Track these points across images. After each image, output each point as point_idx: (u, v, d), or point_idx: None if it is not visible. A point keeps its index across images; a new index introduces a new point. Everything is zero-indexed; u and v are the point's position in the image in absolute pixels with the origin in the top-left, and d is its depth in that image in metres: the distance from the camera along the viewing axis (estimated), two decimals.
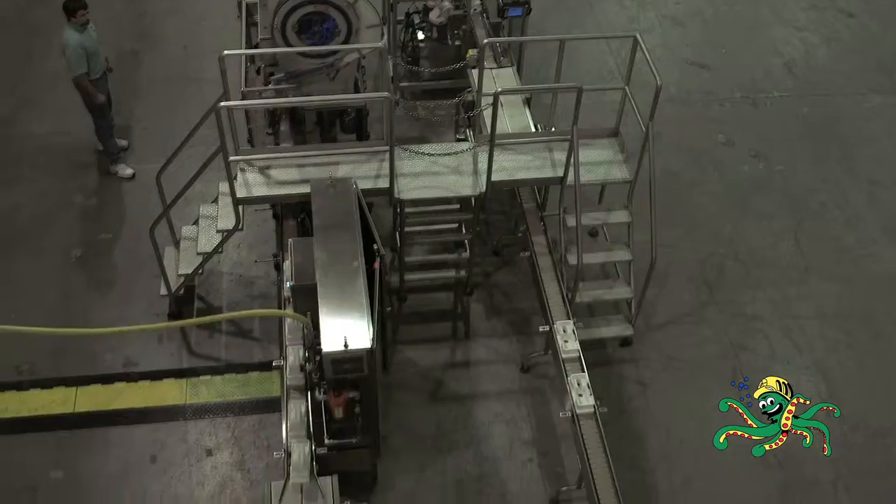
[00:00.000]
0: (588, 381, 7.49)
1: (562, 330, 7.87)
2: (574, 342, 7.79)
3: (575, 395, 7.39)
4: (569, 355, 7.75)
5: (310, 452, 6.52)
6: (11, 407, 8.38)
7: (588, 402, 7.37)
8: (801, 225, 10.12)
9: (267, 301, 9.14)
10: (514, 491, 7.93)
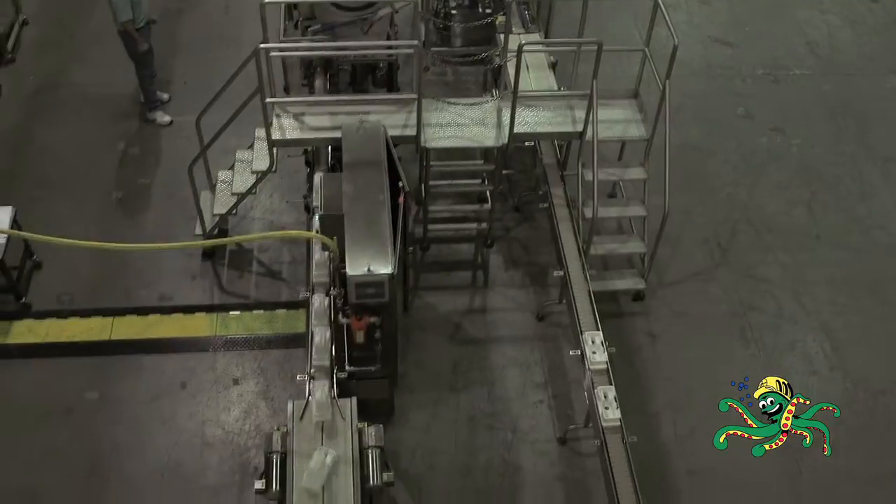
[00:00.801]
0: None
1: (590, 341, 7.68)
2: (603, 354, 7.60)
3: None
4: (597, 367, 7.54)
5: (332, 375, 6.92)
6: (52, 332, 8.85)
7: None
8: (815, 195, 10.39)
9: (296, 245, 9.56)
10: (524, 429, 8.29)
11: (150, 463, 7.99)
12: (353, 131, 7.97)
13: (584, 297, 8.15)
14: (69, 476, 7.89)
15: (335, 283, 7.17)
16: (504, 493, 7.89)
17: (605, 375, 7.44)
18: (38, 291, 9.17)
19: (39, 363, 8.65)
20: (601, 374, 7.45)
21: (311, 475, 6.24)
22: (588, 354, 7.55)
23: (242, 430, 8.21)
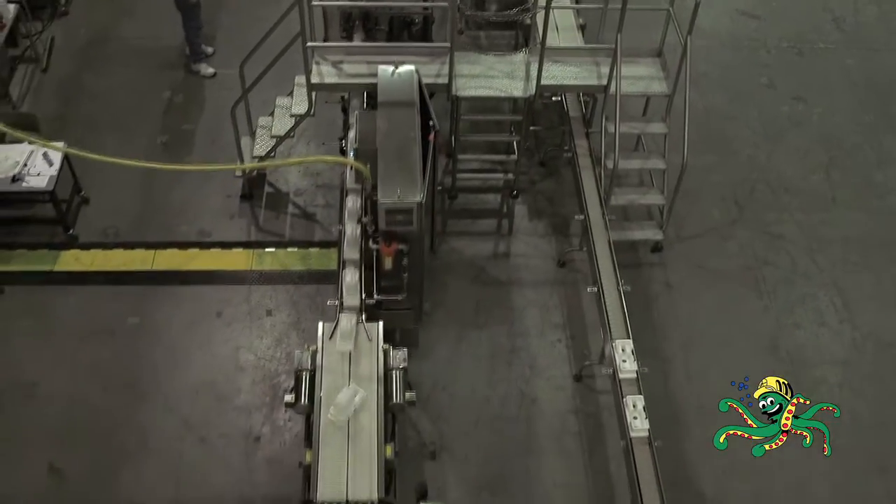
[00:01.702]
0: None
1: (620, 349, 7.57)
2: (633, 363, 7.49)
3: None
4: (627, 376, 7.46)
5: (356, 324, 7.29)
6: (97, 262, 9.30)
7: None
8: (833, 161, 10.63)
9: (330, 189, 9.95)
10: (542, 365, 8.63)
11: (186, 382, 8.41)
12: (388, 74, 8.32)
13: (603, 243, 8.48)
14: (110, 390, 8.34)
15: (366, 211, 7.56)
16: (520, 423, 8.23)
17: (635, 385, 7.35)
18: (85, 225, 9.63)
19: (85, 289, 9.09)
20: (631, 384, 7.35)
21: (338, 409, 6.58)
22: (618, 363, 7.43)
23: (274, 356, 8.61)
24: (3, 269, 9.04)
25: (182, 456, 7.95)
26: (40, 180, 9.05)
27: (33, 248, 9.38)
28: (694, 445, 8.12)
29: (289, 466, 7.86)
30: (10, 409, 8.18)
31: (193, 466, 7.89)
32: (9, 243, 9.36)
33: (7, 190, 9.05)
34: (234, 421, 8.17)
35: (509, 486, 7.85)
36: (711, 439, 8.12)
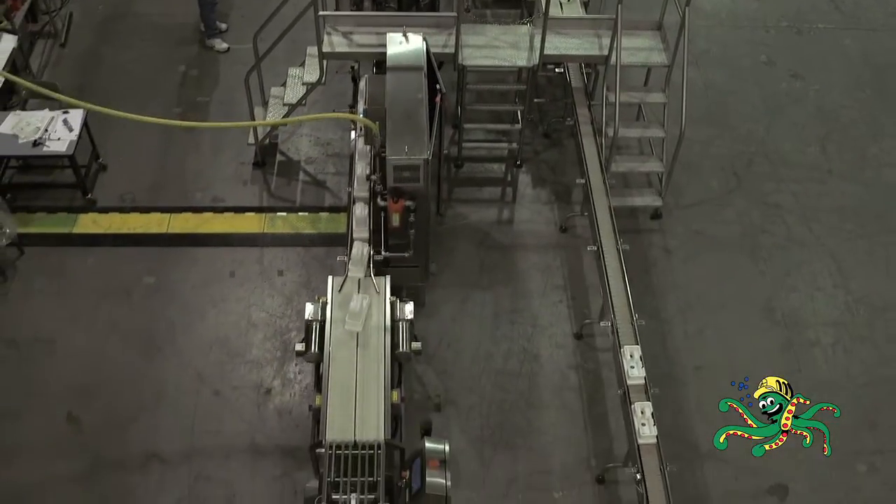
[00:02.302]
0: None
1: (629, 355, 7.40)
2: (641, 370, 7.32)
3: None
4: (634, 382, 7.29)
5: (368, 252, 7.56)
6: (114, 225, 9.55)
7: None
8: (830, 135, 10.83)
9: (340, 158, 10.20)
10: (544, 324, 8.86)
11: (200, 338, 8.66)
12: (397, 40, 8.56)
13: (603, 204, 8.70)
14: (126, 345, 8.58)
15: (375, 168, 7.80)
16: (522, 378, 8.46)
17: (642, 392, 7.22)
18: (103, 190, 9.89)
19: (102, 251, 9.34)
20: (638, 391, 7.22)
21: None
22: (626, 369, 7.30)
23: (285, 314, 8.85)
24: (24, 231, 9.27)
25: (196, 407, 8.19)
26: (60, 144, 9.30)
27: (53, 212, 9.64)
28: (690, 403, 8.32)
29: (298, 417, 8.13)
30: (30, 362, 8.43)
31: (207, 417, 8.13)
32: (29, 207, 9.61)
33: (29, 154, 9.32)
34: (246, 374, 8.41)
35: (511, 438, 8.07)
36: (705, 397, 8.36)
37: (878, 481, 7.94)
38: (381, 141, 7.71)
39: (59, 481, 7.72)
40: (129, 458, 7.86)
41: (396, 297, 7.46)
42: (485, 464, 7.90)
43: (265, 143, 9.97)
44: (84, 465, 7.82)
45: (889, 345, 8.86)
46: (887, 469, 8.01)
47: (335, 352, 6.97)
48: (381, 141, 7.69)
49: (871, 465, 8.04)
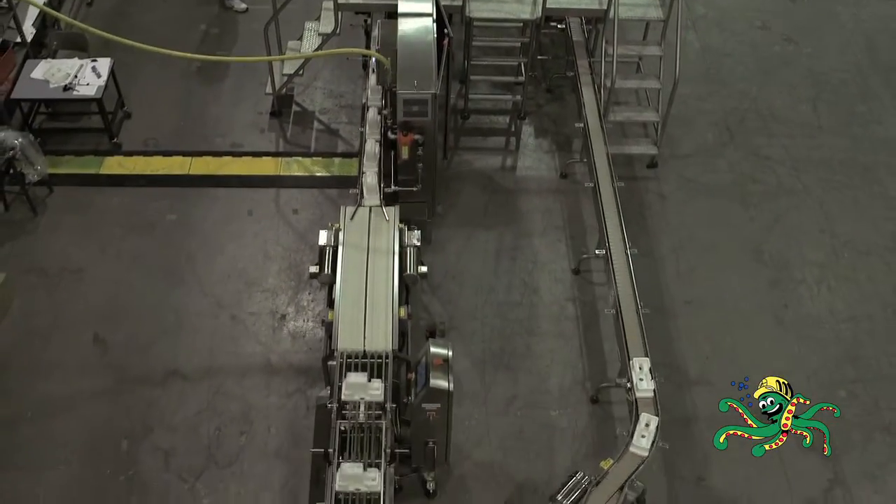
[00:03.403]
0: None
1: (638, 367, 7.25)
2: (650, 382, 7.16)
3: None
4: (643, 395, 7.12)
5: (379, 181, 7.97)
6: (138, 167, 9.99)
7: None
8: (820, 94, 11.20)
9: (352, 109, 10.62)
10: (543, 260, 9.26)
11: (219, 269, 9.08)
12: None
13: (600, 145, 9.10)
14: (150, 275, 9.01)
15: (386, 103, 8.22)
16: (523, 308, 8.86)
17: (652, 406, 7.03)
18: (127, 136, 10.33)
19: (127, 190, 9.78)
20: (647, 405, 7.06)
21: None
22: (635, 381, 7.14)
23: (299, 248, 9.27)
24: (53, 172, 9.70)
25: (215, 330, 8.62)
26: (89, 89, 9.74)
27: (80, 155, 10.08)
28: (681, 334, 8.71)
29: (311, 341, 8.55)
30: (59, 290, 8.87)
31: (225, 339, 8.55)
32: (58, 150, 10.04)
33: (60, 97, 9.77)
34: (263, 302, 8.83)
35: (511, 361, 8.48)
36: (696, 328, 8.75)
37: (857, 406, 8.32)
38: (391, 77, 8.12)
39: (86, 394, 8.15)
40: (151, 375, 8.28)
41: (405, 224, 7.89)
42: (486, 384, 8.30)
43: (282, 93, 10.38)
44: (109, 381, 8.25)
45: (870, 284, 9.23)
46: (865, 395, 8.38)
47: (346, 272, 7.38)
48: (392, 77, 8.10)
49: (851, 391, 8.42)
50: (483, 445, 7.92)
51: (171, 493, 7.57)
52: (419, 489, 7.59)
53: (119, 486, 7.60)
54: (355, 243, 7.66)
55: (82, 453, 7.77)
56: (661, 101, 9.87)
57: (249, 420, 8.00)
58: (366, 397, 6.52)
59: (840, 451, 7.98)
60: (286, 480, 7.66)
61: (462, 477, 7.73)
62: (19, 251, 9.18)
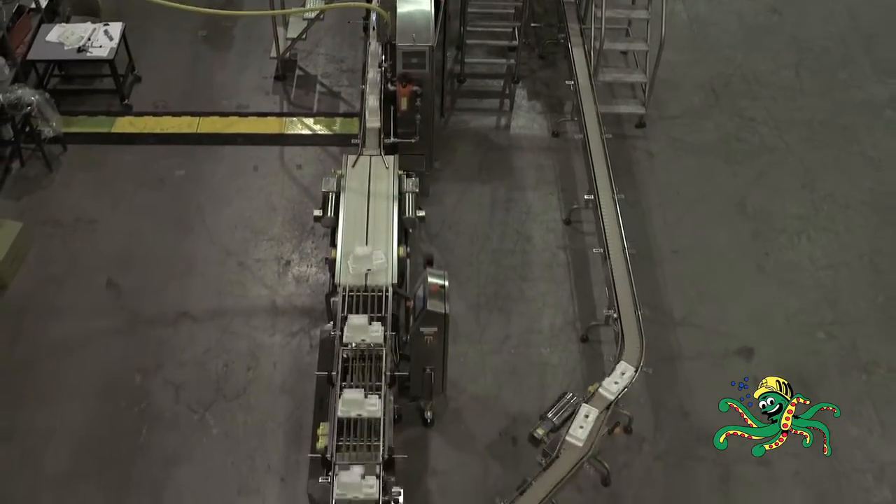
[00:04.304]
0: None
1: (620, 372, 7.16)
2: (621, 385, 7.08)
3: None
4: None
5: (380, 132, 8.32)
6: (149, 126, 10.34)
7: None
8: (803, 61, 11.55)
9: (353, 74, 10.96)
10: (536, 211, 9.60)
11: (226, 219, 9.42)
12: None
13: (589, 101, 9.43)
14: (160, 226, 9.35)
15: (386, 56, 8.57)
16: (516, 255, 9.20)
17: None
18: (138, 98, 10.67)
19: (138, 148, 10.12)
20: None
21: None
22: (606, 383, 7.07)
23: (302, 201, 9.60)
24: (67, 131, 10.04)
25: (223, 275, 8.96)
26: (102, 51, 10.09)
27: (93, 115, 10.42)
28: (666, 279, 9.05)
29: (314, 285, 8.90)
30: (73, 239, 9.21)
31: (232, 283, 8.89)
32: (72, 111, 10.36)
33: (74, 58, 10.11)
34: (268, 249, 9.18)
35: (504, 304, 8.82)
36: (682, 274, 9.09)
37: (835, 346, 8.66)
38: (391, 31, 8.46)
39: (101, 334, 8.50)
40: (162, 317, 8.62)
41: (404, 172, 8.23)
42: (481, 324, 8.65)
43: (286, 57, 10.73)
44: (122, 322, 8.59)
45: (848, 235, 9.57)
46: (843, 336, 8.72)
47: (348, 214, 7.72)
48: (392, 31, 8.45)
49: (829, 333, 8.76)
50: (478, 380, 8.25)
51: (182, 423, 7.91)
52: (418, 419, 7.91)
53: (132, 416, 7.94)
54: (357, 188, 8.00)
55: (97, 388, 8.11)
56: (649, 63, 10.20)
57: (256, 357, 8.34)
58: (366, 339, 6.77)
59: (818, 386, 8.32)
60: (291, 412, 7.99)
61: (458, 409, 8.06)
62: (35, 204, 9.53)
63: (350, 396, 6.49)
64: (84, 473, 7.58)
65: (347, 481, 5.96)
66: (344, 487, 5.95)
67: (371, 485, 5.99)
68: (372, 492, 5.98)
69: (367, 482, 6.00)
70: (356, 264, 7.13)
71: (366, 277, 7.27)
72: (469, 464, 7.72)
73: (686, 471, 7.79)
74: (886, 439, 8.04)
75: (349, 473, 6.00)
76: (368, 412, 6.45)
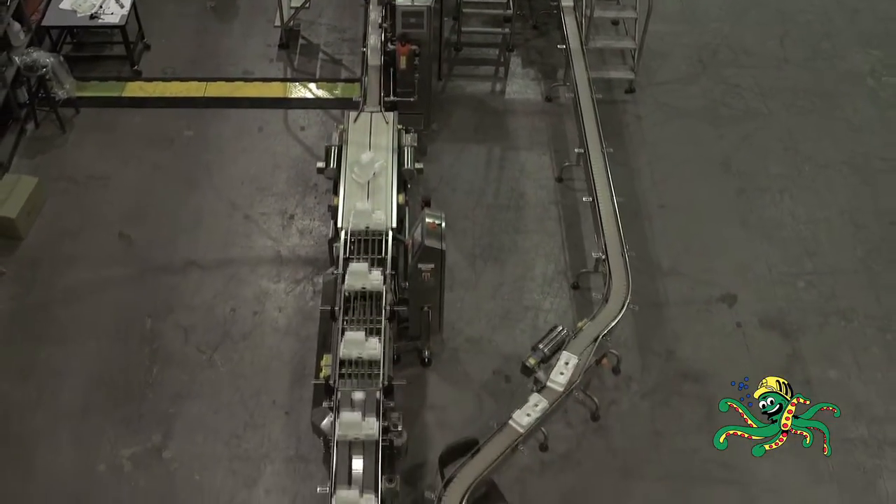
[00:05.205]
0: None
1: (563, 362, 7.11)
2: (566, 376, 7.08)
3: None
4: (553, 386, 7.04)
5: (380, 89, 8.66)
6: (158, 90, 10.67)
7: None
8: (788, 33, 11.88)
9: (353, 43, 11.29)
10: (529, 170, 9.93)
11: (232, 176, 9.75)
12: None
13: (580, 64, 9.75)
14: (170, 182, 9.68)
15: (386, 17, 8.91)
16: (510, 210, 9.53)
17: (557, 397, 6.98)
18: (147, 65, 11.00)
19: (147, 111, 10.45)
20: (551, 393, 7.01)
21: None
22: (552, 374, 7.05)
23: (305, 159, 9.92)
24: (79, 95, 10.37)
25: (229, 228, 9.29)
26: (114, 18, 10.43)
27: (104, 80, 10.75)
28: (653, 232, 9.39)
29: (317, 237, 9.23)
30: (87, 194, 9.54)
31: (239, 235, 9.23)
32: (84, 77, 10.68)
33: (87, 25, 10.45)
34: (273, 203, 9.51)
35: (499, 254, 9.15)
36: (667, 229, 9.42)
37: (815, 294, 8.99)
38: None
39: (113, 281, 8.83)
40: (172, 265, 8.96)
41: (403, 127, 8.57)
42: (476, 272, 8.98)
43: (289, 25, 11.06)
44: (134, 270, 8.93)
45: (829, 193, 9.89)
46: (822, 285, 9.05)
47: (351, 164, 8.05)
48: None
49: (809, 282, 9.09)
50: (474, 324, 8.58)
51: (191, 363, 8.24)
52: (416, 360, 8.24)
53: (144, 356, 8.27)
54: (358, 141, 8.33)
55: (110, 330, 8.45)
56: (638, 31, 10.54)
57: (261, 302, 8.67)
58: (367, 286, 7.07)
59: (798, 331, 8.66)
60: (295, 353, 8.32)
61: (455, 350, 8.39)
62: (49, 162, 9.86)
63: (352, 337, 6.73)
64: (98, 408, 7.90)
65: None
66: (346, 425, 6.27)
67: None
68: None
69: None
70: (361, 173, 7.48)
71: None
72: (464, 399, 8.05)
73: (672, 407, 8.12)
74: (863, 381, 8.37)
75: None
76: (369, 354, 6.71)
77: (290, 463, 7.63)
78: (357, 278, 7.14)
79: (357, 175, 7.93)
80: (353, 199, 7.72)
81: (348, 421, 6.26)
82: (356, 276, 7.15)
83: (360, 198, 7.77)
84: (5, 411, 7.89)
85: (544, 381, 6.99)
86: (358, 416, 6.29)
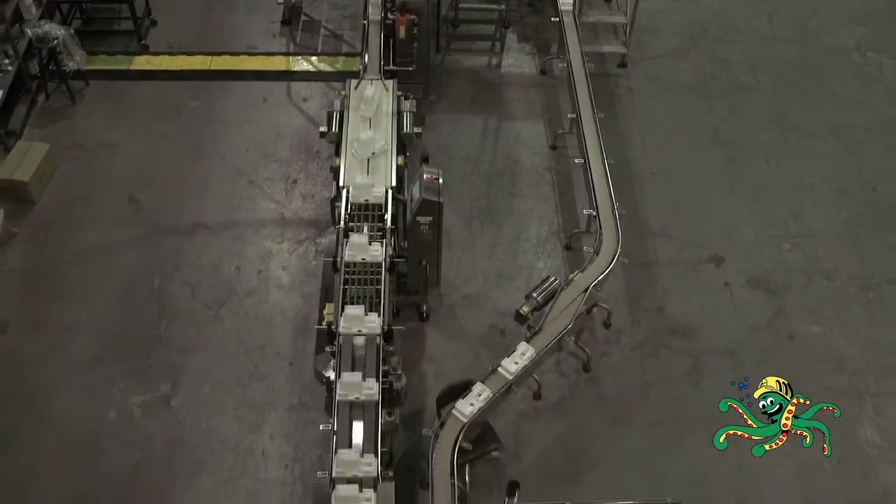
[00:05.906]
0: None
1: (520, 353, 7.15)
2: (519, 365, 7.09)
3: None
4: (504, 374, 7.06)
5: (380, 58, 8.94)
6: (164, 63, 10.94)
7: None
8: (777, 10, 12.16)
9: (355, 19, 11.55)
10: (524, 138, 10.21)
11: (237, 144, 10.02)
12: None
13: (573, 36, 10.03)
14: (176, 150, 9.95)
15: None
16: (506, 175, 9.80)
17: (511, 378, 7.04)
18: (154, 40, 11.27)
19: (154, 83, 10.73)
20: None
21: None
22: (505, 363, 7.08)
23: (308, 128, 10.19)
24: (88, 68, 10.65)
25: (235, 192, 9.56)
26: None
27: (112, 55, 11.03)
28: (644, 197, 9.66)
29: (319, 200, 9.49)
30: (97, 160, 9.81)
31: (243, 198, 9.49)
32: (93, 51, 10.95)
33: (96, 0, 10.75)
34: (277, 169, 9.78)
35: (495, 217, 9.42)
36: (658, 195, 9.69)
37: (800, 255, 9.26)
38: None
39: (122, 242, 9.09)
40: (179, 227, 9.22)
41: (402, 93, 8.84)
42: (473, 233, 9.25)
43: (292, 3, 11.35)
44: (142, 232, 9.19)
45: (814, 161, 10.16)
46: (807, 247, 9.31)
47: (352, 127, 8.32)
48: None
49: (795, 244, 9.35)
50: (470, 282, 8.85)
51: (198, 317, 8.50)
52: (415, 315, 8.50)
53: (152, 312, 8.53)
54: (359, 107, 8.60)
55: (119, 287, 8.71)
56: (629, 5, 10.82)
57: (265, 261, 8.95)
58: (367, 258, 7.19)
59: (783, 290, 8.93)
60: (298, 308, 8.58)
61: (452, 305, 8.66)
62: (60, 131, 10.12)
63: (352, 312, 6.79)
64: (108, 360, 8.16)
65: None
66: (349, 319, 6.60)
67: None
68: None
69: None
70: (361, 149, 7.78)
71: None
72: (461, 351, 8.31)
73: (661, 360, 8.38)
74: (845, 336, 8.63)
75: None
76: (368, 328, 6.76)
77: (294, 410, 7.88)
78: (357, 250, 7.21)
79: (356, 152, 8.11)
80: (356, 161, 7.99)
81: (351, 314, 6.65)
82: (356, 248, 7.21)
83: (363, 162, 8.03)
84: (20, 363, 8.14)
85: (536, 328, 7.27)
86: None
